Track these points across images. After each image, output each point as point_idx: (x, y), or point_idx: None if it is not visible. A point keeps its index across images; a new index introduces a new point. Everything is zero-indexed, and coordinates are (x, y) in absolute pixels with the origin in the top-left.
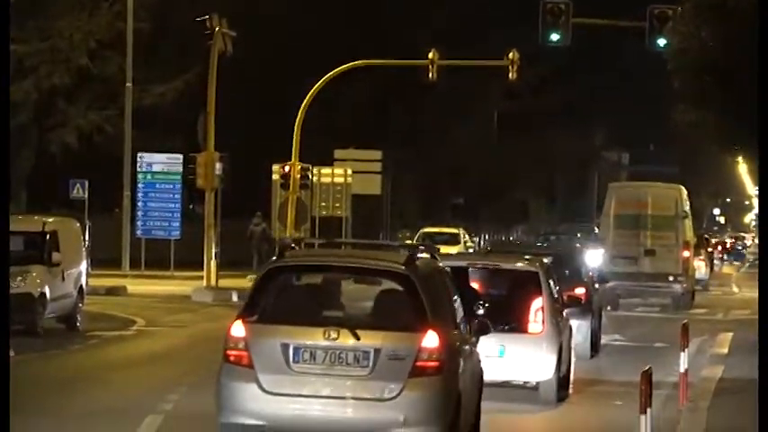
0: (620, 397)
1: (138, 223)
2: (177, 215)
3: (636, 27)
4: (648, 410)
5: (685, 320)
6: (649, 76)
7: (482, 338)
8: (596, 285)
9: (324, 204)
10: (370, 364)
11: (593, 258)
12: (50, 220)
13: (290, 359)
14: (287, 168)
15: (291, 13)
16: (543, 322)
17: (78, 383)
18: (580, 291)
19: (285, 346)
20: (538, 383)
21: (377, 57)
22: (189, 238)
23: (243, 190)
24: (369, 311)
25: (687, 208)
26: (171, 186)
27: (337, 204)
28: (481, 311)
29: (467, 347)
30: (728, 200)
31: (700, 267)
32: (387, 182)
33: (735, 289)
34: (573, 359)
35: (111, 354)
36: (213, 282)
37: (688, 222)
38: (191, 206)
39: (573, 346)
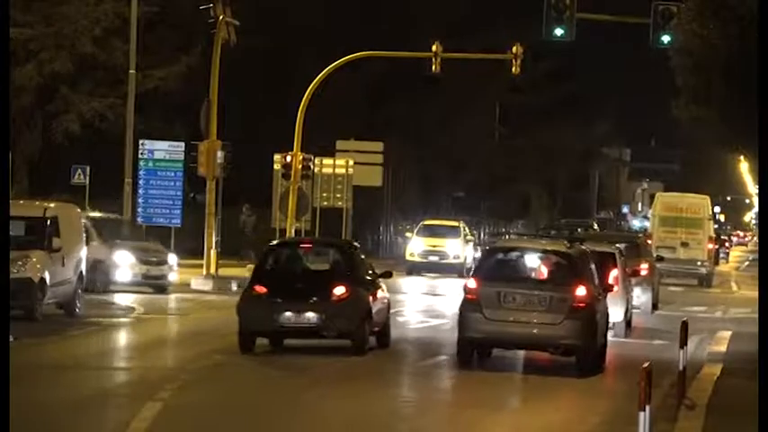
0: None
1: (139, 210)
2: (178, 203)
3: (640, 24)
4: (647, 407)
5: (685, 318)
6: (652, 73)
7: None
8: (657, 264)
9: (325, 195)
10: (547, 304)
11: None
12: (52, 205)
13: (502, 300)
14: (288, 158)
15: (296, 2)
16: (617, 285)
17: (77, 370)
18: (644, 266)
19: (498, 293)
20: (613, 324)
21: (381, 47)
22: (190, 226)
23: (244, 179)
24: (545, 274)
25: (710, 212)
26: (172, 174)
27: (338, 195)
28: None
29: (600, 297)
30: (729, 198)
31: None
32: (388, 173)
33: (734, 287)
34: (634, 312)
35: (110, 341)
36: (213, 270)
37: (711, 223)
38: (192, 194)
39: (638, 304)
